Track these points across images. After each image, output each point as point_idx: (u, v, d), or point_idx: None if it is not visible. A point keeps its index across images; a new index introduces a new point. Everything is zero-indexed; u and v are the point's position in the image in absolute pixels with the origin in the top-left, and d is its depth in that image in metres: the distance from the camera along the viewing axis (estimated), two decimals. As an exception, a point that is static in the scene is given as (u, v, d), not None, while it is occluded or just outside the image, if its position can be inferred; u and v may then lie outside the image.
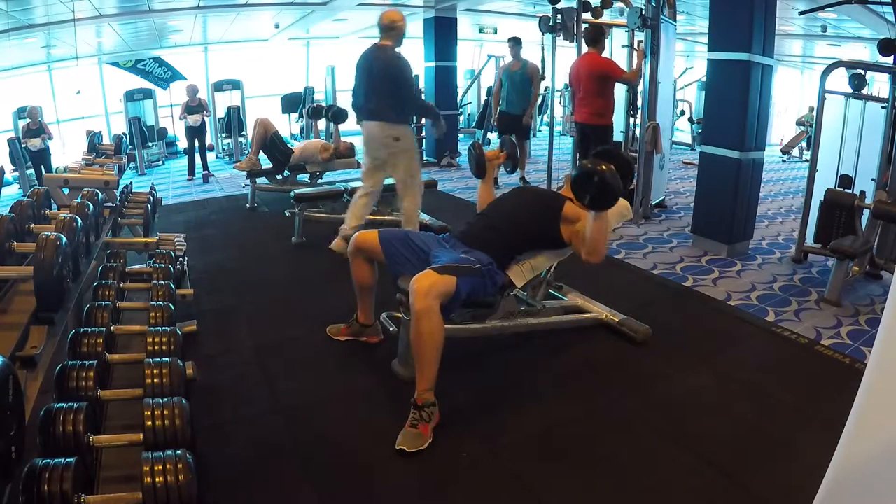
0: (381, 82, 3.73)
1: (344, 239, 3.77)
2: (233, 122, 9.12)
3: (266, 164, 5.72)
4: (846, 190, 4.03)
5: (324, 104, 8.37)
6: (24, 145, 7.54)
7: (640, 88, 5.36)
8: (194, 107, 7.77)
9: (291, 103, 10.13)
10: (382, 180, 4.06)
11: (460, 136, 9.35)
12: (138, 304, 2.13)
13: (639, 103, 5.49)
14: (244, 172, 5.72)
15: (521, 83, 6.29)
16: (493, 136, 8.69)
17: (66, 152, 8.33)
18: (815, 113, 4.26)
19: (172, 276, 2.43)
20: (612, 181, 2.10)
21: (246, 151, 7.96)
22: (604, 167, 2.11)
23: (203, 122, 7.87)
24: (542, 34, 5.62)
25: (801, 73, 14.95)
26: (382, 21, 3.77)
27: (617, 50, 6.86)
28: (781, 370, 2.66)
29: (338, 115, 5.76)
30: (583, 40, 5.10)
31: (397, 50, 3.79)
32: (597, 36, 4.89)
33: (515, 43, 6.39)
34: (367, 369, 2.59)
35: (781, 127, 11.86)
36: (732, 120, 4.11)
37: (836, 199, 3.90)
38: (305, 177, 5.85)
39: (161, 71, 10.13)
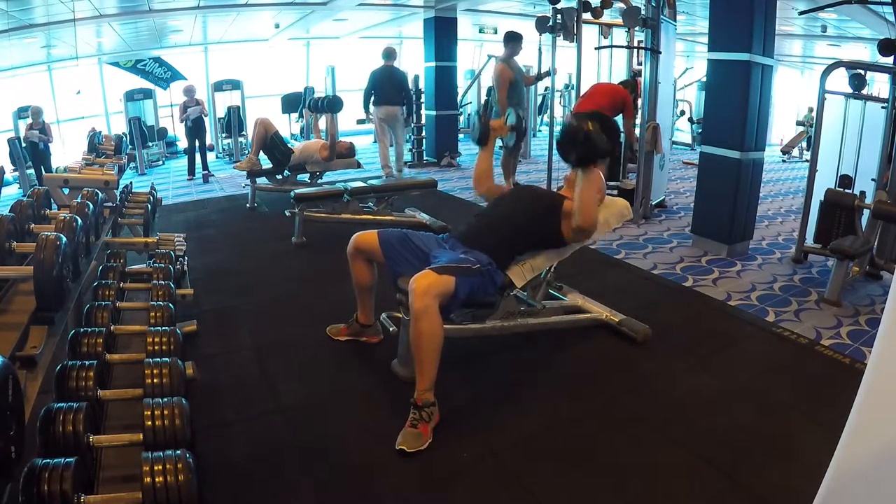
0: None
1: None
2: (233, 122, 9.12)
3: (266, 164, 5.72)
4: (846, 190, 4.02)
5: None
6: (24, 142, 7.54)
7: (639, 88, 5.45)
8: (192, 107, 7.76)
9: (291, 103, 10.11)
10: None
11: (460, 136, 9.34)
12: (138, 304, 2.13)
13: (639, 103, 5.51)
14: (244, 172, 5.72)
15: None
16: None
17: (66, 152, 8.32)
18: (814, 113, 4.26)
19: (172, 276, 2.42)
20: (597, 137, 2.32)
21: (246, 151, 7.96)
22: (588, 125, 2.34)
23: (201, 118, 7.85)
24: (540, 34, 5.61)
25: (801, 73, 14.94)
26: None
27: (617, 51, 6.86)
28: (781, 370, 2.66)
29: (333, 104, 5.63)
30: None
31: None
32: (633, 89, 5.55)
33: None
34: (367, 369, 2.59)
35: (781, 127, 11.86)
36: (732, 120, 4.11)
37: (836, 199, 3.90)
38: (305, 177, 5.85)
39: (161, 71, 10.13)
